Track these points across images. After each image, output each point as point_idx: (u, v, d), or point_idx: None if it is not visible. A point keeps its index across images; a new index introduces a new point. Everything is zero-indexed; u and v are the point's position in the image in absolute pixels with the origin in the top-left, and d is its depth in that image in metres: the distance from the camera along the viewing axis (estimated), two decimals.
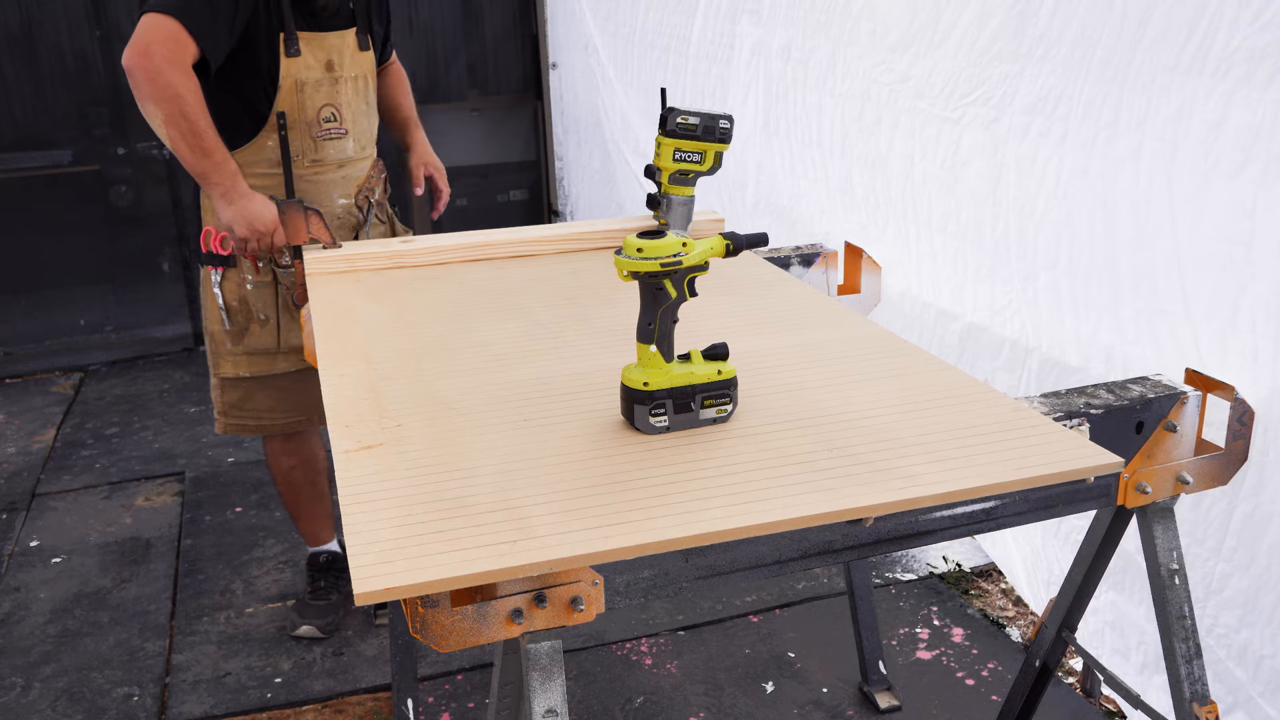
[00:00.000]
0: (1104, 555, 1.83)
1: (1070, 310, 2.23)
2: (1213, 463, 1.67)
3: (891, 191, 2.66)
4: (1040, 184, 2.21)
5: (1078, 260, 2.16)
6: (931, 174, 2.50)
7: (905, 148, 2.56)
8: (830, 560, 1.42)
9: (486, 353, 1.78)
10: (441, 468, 1.38)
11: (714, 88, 3.33)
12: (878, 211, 2.73)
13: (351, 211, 2.59)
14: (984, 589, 2.99)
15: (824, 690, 2.59)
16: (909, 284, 2.70)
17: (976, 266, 2.42)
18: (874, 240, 2.77)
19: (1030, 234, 2.28)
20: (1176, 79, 1.83)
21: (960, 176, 2.41)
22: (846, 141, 2.76)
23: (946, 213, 2.49)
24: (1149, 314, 2.03)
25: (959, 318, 2.58)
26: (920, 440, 1.44)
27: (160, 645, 2.83)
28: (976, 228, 2.39)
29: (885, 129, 2.62)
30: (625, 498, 1.30)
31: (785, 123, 2.97)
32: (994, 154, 2.31)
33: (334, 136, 2.48)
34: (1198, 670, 1.70)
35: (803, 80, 2.89)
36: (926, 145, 2.50)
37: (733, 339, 1.81)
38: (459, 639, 1.22)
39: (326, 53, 2.43)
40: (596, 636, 2.79)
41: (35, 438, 4.07)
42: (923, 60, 2.45)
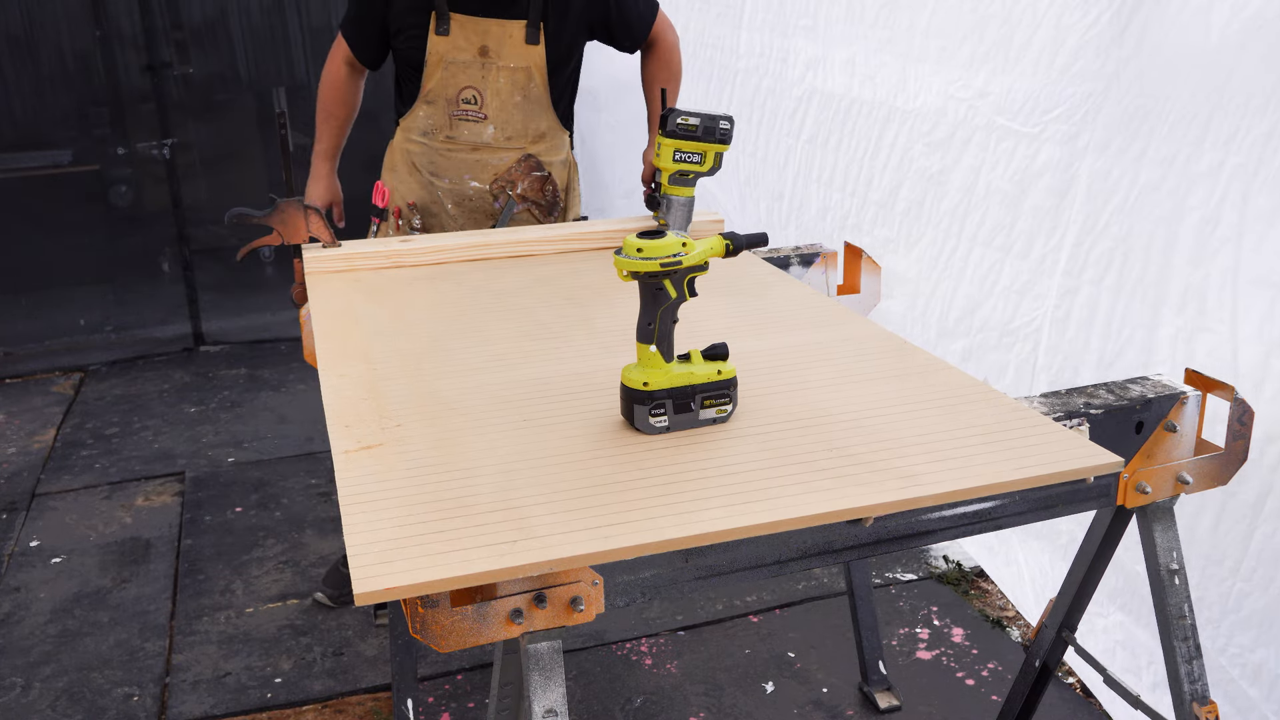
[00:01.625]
0: (1104, 555, 1.83)
1: (1100, 329, 2.23)
2: (1213, 463, 1.66)
3: (944, 205, 2.65)
4: (1108, 199, 2.22)
5: (1126, 275, 2.15)
6: (996, 187, 2.51)
7: (974, 161, 2.56)
8: (830, 560, 1.42)
9: (486, 353, 1.78)
10: (441, 468, 1.38)
11: (764, 100, 3.33)
12: (916, 224, 2.72)
13: (484, 196, 2.63)
14: (984, 589, 2.99)
15: (824, 690, 2.59)
16: (930, 294, 2.70)
17: (1012, 280, 2.42)
18: (899, 253, 2.76)
19: (1085, 247, 2.27)
20: (1274, 100, 1.84)
21: (1027, 190, 2.42)
22: (908, 155, 2.75)
23: (999, 225, 2.48)
24: (1189, 332, 2.02)
25: (966, 335, 2.58)
26: (920, 440, 1.44)
27: (160, 645, 2.83)
28: (1028, 241, 2.39)
29: (956, 144, 2.61)
30: (625, 498, 1.30)
31: (838, 136, 2.97)
32: (1067, 169, 2.31)
33: (470, 119, 2.55)
34: (1197, 670, 1.70)
35: (869, 96, 2.88)
36: (999, 159, 2.50)
37: (733, 339, 1.81)
38: (459, 639, 1.22)
39: (482, 38, 2.51)
40: (596, 636, 2.79)
41: (35, 438, 4.07)
42: (1000, 77, 2.46)
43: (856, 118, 2.90)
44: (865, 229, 2.85)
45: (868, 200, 2.84)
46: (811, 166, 3.07)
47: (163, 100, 4.82)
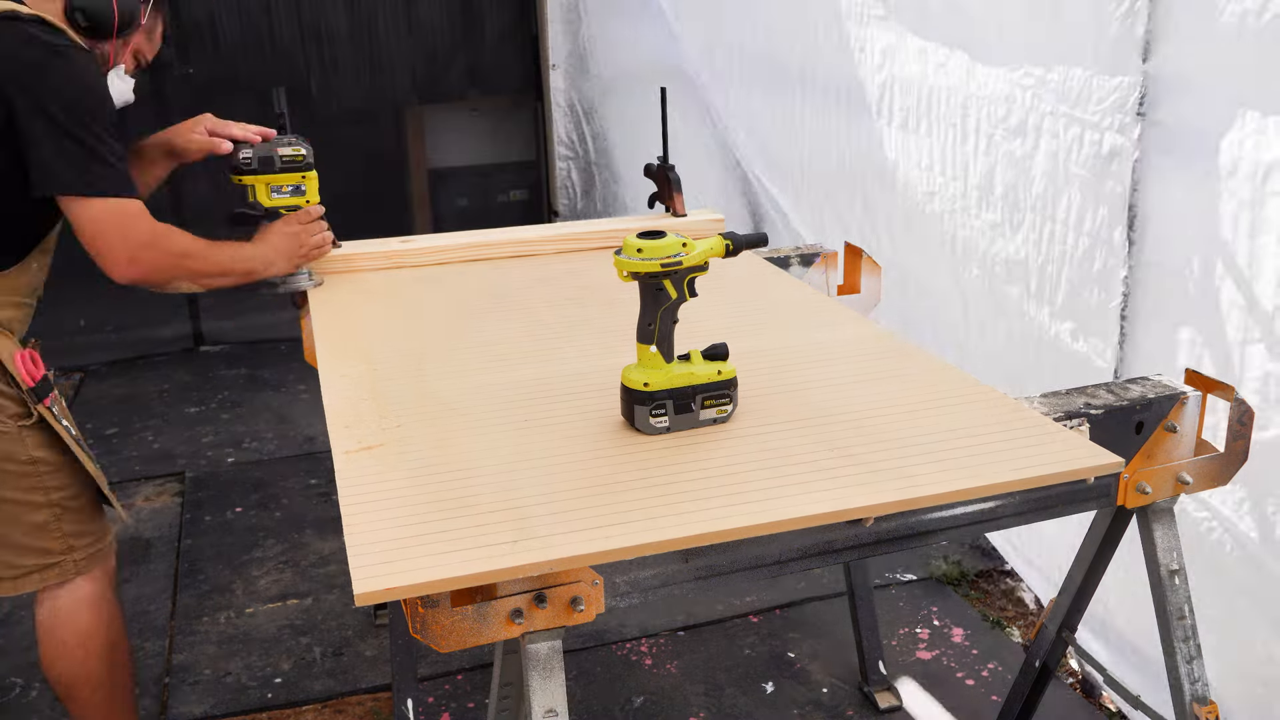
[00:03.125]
0: (1104, 555, 1.83)
1: (1160, 338, 2.19)
2: (1212, 463, 1.66)
3: (1034, 190, 2.61)
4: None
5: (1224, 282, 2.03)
6: (1074, 173, 2.47)
7: (1050, 146, 2.52)
8: (830, 560, 1.42)
9: (487, 353, 1.78)
10: (442, 468, 1.38)
11: (848, 86, 3.28)
12: (1014, 210, 2.69)
13: None
14: (984, 589, 2.99)
15: (824, 690, 2.59)
16: (1040, 274, 2.66)
17: (1104, 263, 2.35)
18: (1005, 236, 2.72)
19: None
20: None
21: (1102, 177, 2.37)
22: (992, 141, 2.72)
23: (1084, 209, 2.43)
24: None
25: (1071, 316, 2.53)
26: (920, 440, 1.44)
27: (160, 645, 2.83)
28: (1109, 227, 2.34)
29: (1030, 130, 2.57)
30: (625, 498, 1.30)
31: (926, 122, 2.92)
32: (1130, 156, 2.26)
33: None
34: (1198, 670, 1.70)
35: (944, 83, 2.85)
36: (1071, 145, 2.46)
37: (733, 339, 1.81)
38: (459, 639, 1.22)
39: None
40: (596, 637, 2.79)
41: None
42: (1058, 66, 2.43)
43: (939, 104, 2.87)
44: (973, 212, 2.81)
45: (969, 185, 2.82)
46: (908, 152, 3.03)
47: (163, 100, 4.82)
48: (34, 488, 1.92)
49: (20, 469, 1.90)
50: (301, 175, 2.10)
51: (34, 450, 1.91)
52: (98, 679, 2.05)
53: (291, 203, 2.11)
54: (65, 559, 1.99)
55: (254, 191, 2.10)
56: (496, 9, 5.40)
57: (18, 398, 1.89)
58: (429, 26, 5.27)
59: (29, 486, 1.91)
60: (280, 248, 2.09)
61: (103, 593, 2.05)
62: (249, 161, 2.07)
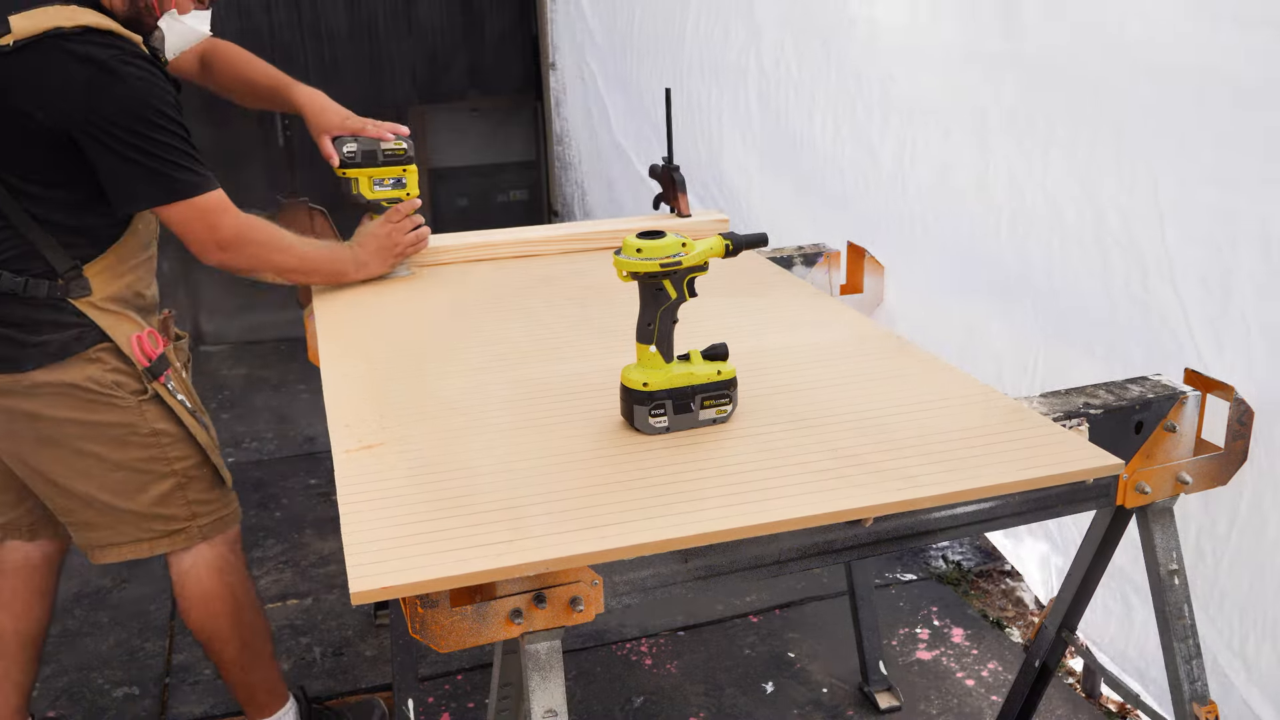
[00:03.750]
0: (1104, 555, 1.83)
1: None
2: (1212, 463, 1.67)
3: (882, 190, 2.65)
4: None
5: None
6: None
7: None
8: (830, 560, 1.42)
9: (487, 353, 1.78)
10: (441, 467, 1.38)
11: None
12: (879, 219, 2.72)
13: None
14: (984, 589, 2.98)
15: (824, 690, 2.59)
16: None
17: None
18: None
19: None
20: None
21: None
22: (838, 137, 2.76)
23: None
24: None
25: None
26: (920, 441, 1.44)
27: (160, 645, 2.83)
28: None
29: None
30: (625, 498, 1.30)
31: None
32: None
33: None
34: (1197, 670, 1.70)
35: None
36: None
37: (734, 339, 1.81)
38: (459, 639, 1.22)
39: None
40: (596, 637, 2.79)
41: None
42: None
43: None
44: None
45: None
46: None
47: None
48: (156, 458, 1.99)
49: (143, 440, 1.96)
50: (402, 169, 2.15)
51: (155, 423, 1.97)
52: (225, 635, 2.16)
53: (392, 195, 2.16)
54: (190, 525, 2.07)
55: (357, 185, 2.15)
56: (496, 9, 5.40)
57: (136, 375, 1.94)
58: (429, 27, 5.28)
59: (152, 457, 1.97)
60: (374, 249, 2.13)
61: (225, 557, 2.14)
62: (353, 156, 2.12)
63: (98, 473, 1.95)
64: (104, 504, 1.97)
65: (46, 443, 1.92)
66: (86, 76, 1.73)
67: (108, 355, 1.91)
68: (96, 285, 1.89)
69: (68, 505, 2.00)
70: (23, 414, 1.90)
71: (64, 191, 1.83)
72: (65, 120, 1.75)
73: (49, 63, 1.73)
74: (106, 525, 2.00)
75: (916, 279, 2.58)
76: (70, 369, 1.88)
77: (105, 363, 1.90)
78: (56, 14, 1.73)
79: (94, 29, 1.75)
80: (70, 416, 1.90)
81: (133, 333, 1.93)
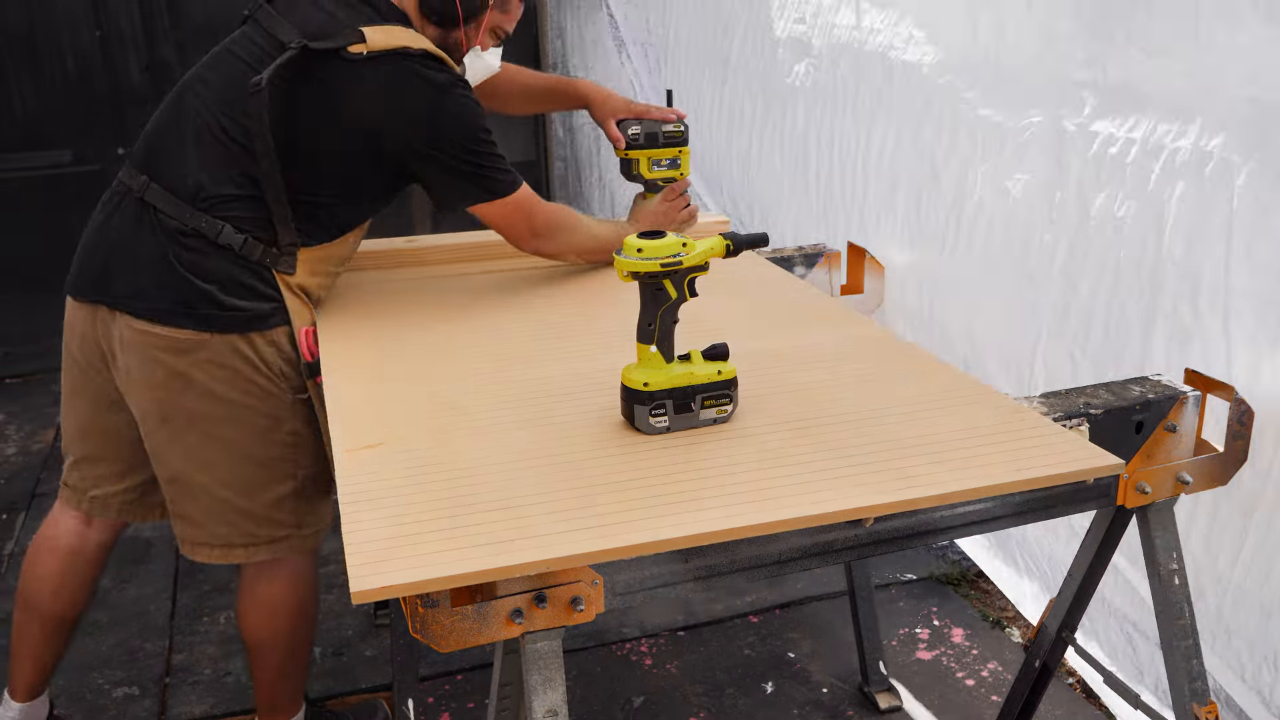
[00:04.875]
0: (1104, 555, 1.83)
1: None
2: (1212, 463, 1.67)
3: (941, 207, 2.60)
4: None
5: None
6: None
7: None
8: (830, 560, 1.42)
9: (488, 352, 1.79)
10: (442, 467, 1.38)
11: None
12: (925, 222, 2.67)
13: None
14: (984, 589, 2.98)
15: (824, 690, 2.59)
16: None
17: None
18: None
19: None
20: None
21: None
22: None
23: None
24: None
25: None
26: (920, 441, 1.44)
27: (160, 645, 2.83)
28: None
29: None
30: (625, 498, 1.30)
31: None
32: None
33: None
34: (1197, 669, 1.70)
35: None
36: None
37: (735, 339, 1.81)
38: (459, 639, 1.22)
39: None
40: (596, 637, 2.79)
41: (35, 438, 4.07)
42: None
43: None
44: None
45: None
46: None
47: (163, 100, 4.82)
48: (287, 459, 1.98)
49: (282, 438, 1.96)
50: (678, 150, 2.24)
51: (297, 423, 1.97)
52: (279, 645, 2.15)
53: (668, 175, 2.25)
54: (294, 534, 2.06)
55: (637, 165, 2.24)
56: None
57: (297, 370, 1.95)
58: None
59: (283, 457, 1.97)
60: (650, 225, 2.22)
61: (304, 569, 2.14)
62: (637, 138, 2.21)
63: (224, 463, 1.93)
64: (220, 499, 1.95)
65: (186, 418, 1.90)
66: (430, 99, 1.85)
67: (284, 341, 1.92)
68: (301, 270, 1.93)
69: (180, 492, 1.97)
70: (178, 375, 1.87)
71: (332, 185, 1.90)
72: (404, 136, 1.87)
73: (401, 80, 1.84)
74: (214, 522, 1.98)
75: (973, 295, 2.53)
76: (250, 343, 1.88)
77: (280, 348, 1.91)
78: (404, 35, 1.86)
79: (431, 54, 1.87)
80: (224, 393, 1.89)
81: (305, 325, 1.95)
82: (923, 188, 2.64)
